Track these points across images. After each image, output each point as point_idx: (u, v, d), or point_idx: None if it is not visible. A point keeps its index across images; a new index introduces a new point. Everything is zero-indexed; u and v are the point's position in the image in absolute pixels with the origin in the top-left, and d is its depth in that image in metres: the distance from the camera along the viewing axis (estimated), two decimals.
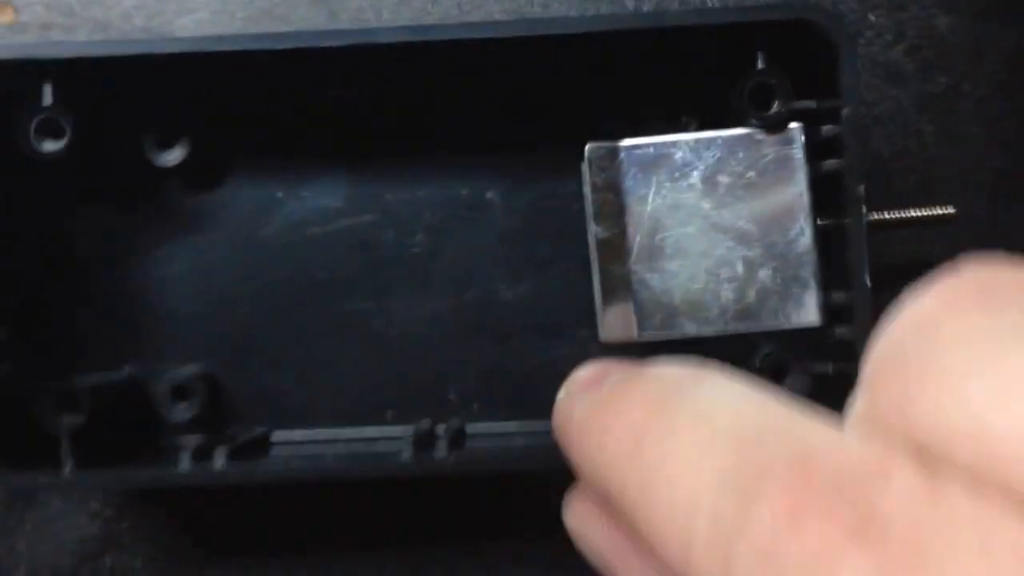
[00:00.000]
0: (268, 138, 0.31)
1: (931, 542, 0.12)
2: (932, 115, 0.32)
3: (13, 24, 0.33)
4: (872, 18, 0.32)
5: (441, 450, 0.28)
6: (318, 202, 0.31)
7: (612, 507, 0.16)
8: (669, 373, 0.17)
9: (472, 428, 0.31)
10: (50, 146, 0.28)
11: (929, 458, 0.13)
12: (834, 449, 0.13)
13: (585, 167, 0.28)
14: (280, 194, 0.31)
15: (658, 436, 0.16)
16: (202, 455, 0.28)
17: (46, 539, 0.32)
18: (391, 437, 0.30)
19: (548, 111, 0.31)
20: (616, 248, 0.28)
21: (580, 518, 0.20)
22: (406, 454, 0.28)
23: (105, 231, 0.31)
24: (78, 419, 0.28)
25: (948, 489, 0.12)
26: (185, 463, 0.28)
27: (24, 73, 0.27)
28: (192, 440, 0.29)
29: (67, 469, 0.27)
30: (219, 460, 0.28)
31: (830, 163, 0.27)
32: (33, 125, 0.28)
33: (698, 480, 0.14)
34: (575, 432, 0.19)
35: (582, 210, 0.29)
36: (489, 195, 0.31)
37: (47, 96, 0.27)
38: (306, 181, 0.31)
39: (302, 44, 0.27)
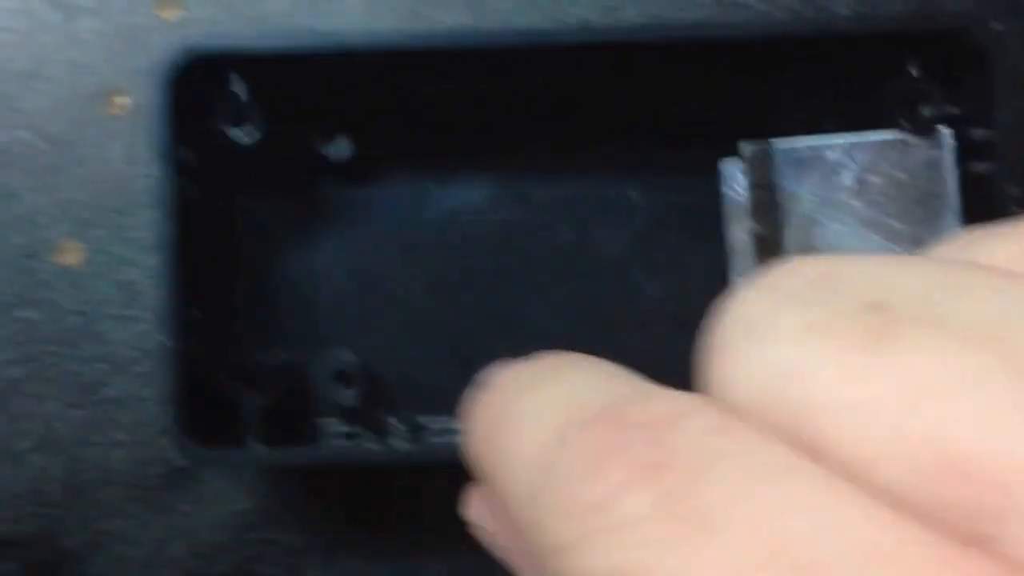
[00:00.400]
0: (422, 134, 0.32)
1: (709, 466, 0.12)
2: None
3: (180, 18, 0.33)
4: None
5: None
6: (467, 197, 0.32)
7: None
8: (537, 363, 0.17)
9: None
10: (238, 135, 0.29)
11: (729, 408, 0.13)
12: (649, 400, 0.14)
13: (730, 163, 0.29)
14: (432, 187, 0.32)
15: (510, 411, 0.16)
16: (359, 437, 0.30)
17: (205, 516, 0.33)
18: None
19: (692, 112, 0.32)
20: (770, 243, 0.29)
21: (475, 510, 0.19)
22: None
23: (271, 220, 0.32)
24: (262, 398, 0.28)
25: (735, 424, 0.12)
26: (341, 444, 0.29)
27: (222, 65, 0.28)
28: (349, 417, 0.30)
29: (251, 445, 0.29)
30: (397, 442, 0.29)
31: (980, 166, 0.28)
32: (225, 115, 0.29)
33: (528, 442, 0.14)
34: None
35: (719, 210, 0.30)
36: (631, 193, 0.32)
37: (239, 88, 0.28)
38: (456, 176, 0.32)
39: (469, 42, 0.29)
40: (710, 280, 0.31)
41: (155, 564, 0.33)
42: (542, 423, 0.14)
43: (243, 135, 0.29)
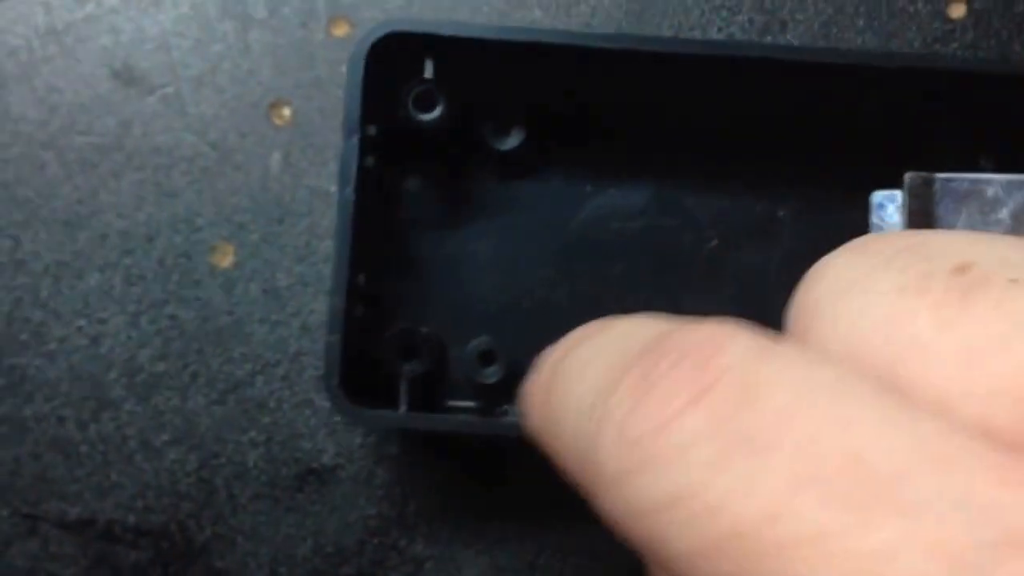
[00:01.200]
0: (587, 134, 0.33)
1: (759, 385, 0.12)
2: None
3: (348, 34, 0.35)
4: None
5: None
6: (623, 200, 0.33)
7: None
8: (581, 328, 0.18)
9: None
10: (424, 116, 0.30)
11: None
12: (690, 329, 0.14)
13: (885, 193, 0.30)
14: (589, 188, 0.33)
15: (561, 369, 0.17)
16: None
17: (333, 517, 0.34)
18: None
19: (850, 140, 0.33)
20: None
21: None
22: None
23: (433, 201, 0.33)
24: (419, 366, 0.30)
25: (781, 347, 0.13)
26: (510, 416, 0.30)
27: (413, 47, 0.30)
28: (483, 399, 0.32)
29: (403, 409, 0.30)
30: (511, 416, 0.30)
31: None
32: (413, 95, 0.30)
33: (582, 389, 0.15)
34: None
35: None
36: (781, 213, 0.33)
37: (428, 70, 0.30)
38: (614, 179, 0.33)
39: (645, 47, 0.30)
40: None
41: (282, 562, 0.34)
42: (594, 368, 0.15)
43: (427, 116, 0.30)
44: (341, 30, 0.35)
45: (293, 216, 0.35)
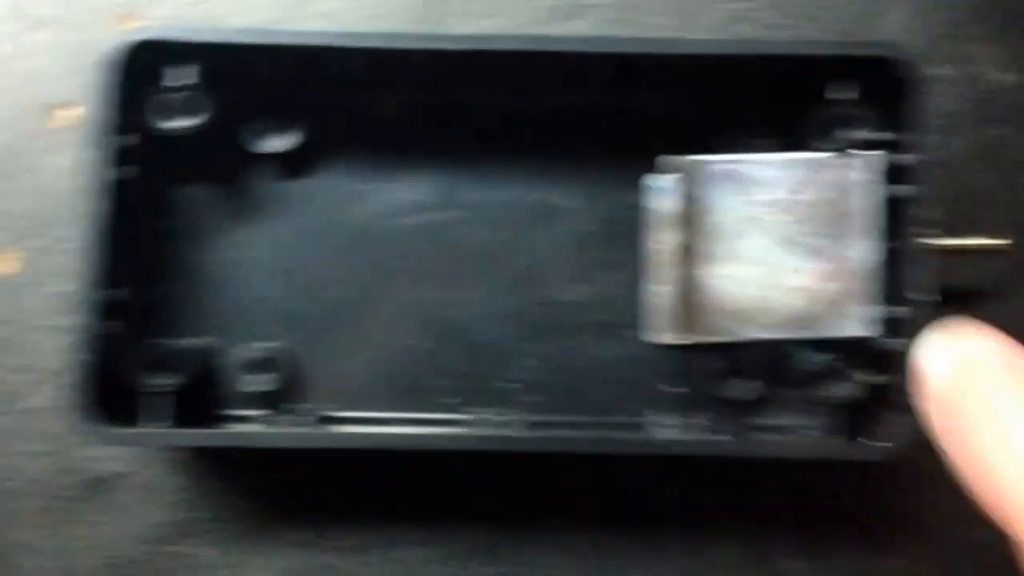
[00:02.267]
0: (364, 132, 0.33)
1: None
2: (992, 163, 0.34)
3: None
4: (942, 71, 0.34)
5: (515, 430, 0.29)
6: (402, 195, 0.33)
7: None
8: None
9: (532, 419, 0.32)
10: (178, 124, 0.29)
11: None
12: None
13: (655, 176, 0.30)
14: (367, 186, 0.33)
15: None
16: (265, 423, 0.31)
17: (122, 527, 0.33)
18: (457, 421, 0.32)
19: (624, 126, 0.33)
20: (684, 253, 0.29)
21: None
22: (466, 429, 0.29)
23: (202, 208, 0.32)
24: (178, 379, 0.29)
25: None
26: (247, 427, 0.29)
27: (169, 53, 0.29)
28: (255, 409, 0.31)
29: (156, 424, 0.29)
30: (279, 426, 0.30)
31: (899, 189, 0.29)
32: (165, 103, 0.29)
33: None
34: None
35: (642, 223, 0.31)
36: (563, 201, 0.33)
37: (183, 77, 0.29)
38: (393, 175, 0.33)
39: (411, 45, 0.30)
40: (627, 288, 0.32)
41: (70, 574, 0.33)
42: None
43: (182, 124, 0.29)
44: (131, 25, 0.35)
45: (80, 220, 0.34)
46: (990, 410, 0.21)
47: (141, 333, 0.30)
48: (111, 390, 0.28)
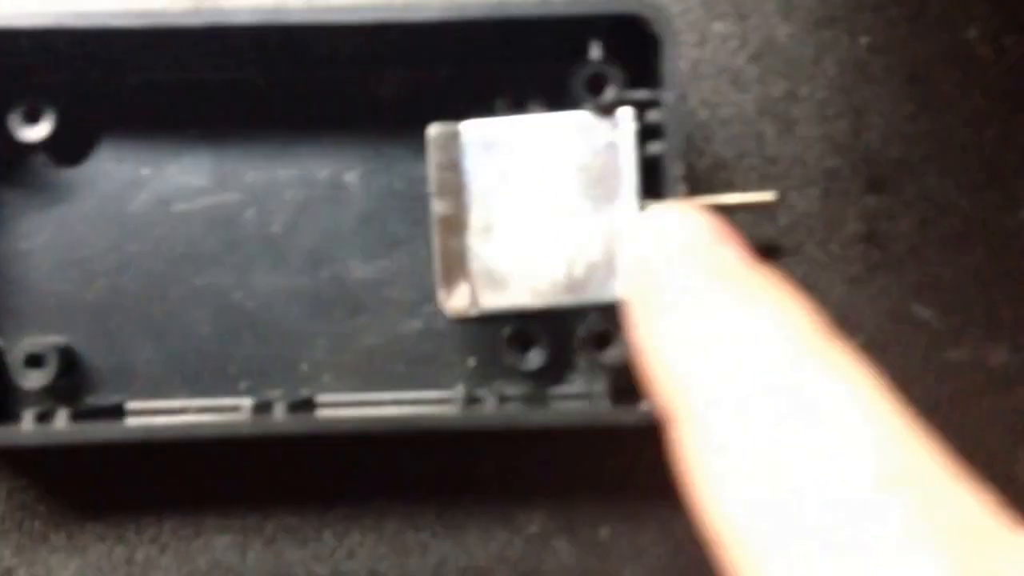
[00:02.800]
0: (134, 115, 0.32)
1: None
2: (772, 117, 0.34)
3: None
4: (717, 26, 0.34)
5: (279, 413, 0.29)
6: (182, 179, 0.32)
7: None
8: None
9: (323, 398, 0.32)
10: None
11: None
12: None
13: (428, 147, 0.29)
14: (145, 171, 0.32)
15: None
16: (49, 418, 0.30)
17: None
18: (238, 406, 0.31)
19: (402, 97, 0.32)
20: (456, 224, 0.29)
21: None
22: (244, 415, 0.29)
23: None
24: None
25: None
26: (28, 423, 0.29)
27: None
28: (41, 404, 0.30)
29: None
30: (61, 421, 0.29)
31: (655, 147, 0.29)
32: None
33: None
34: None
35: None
36: (347, 177, 0.33)
37: None
38: (171, 159, 0.32)
39: (166, 23, 0.29)
40: (420, 260, 0.31)
41: None
42: None
43: None
44: None
45: None
46: (680, 284, 0.21)
47: None
48: None
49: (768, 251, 0.32)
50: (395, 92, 0.32)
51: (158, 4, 0.33)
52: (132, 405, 0.32)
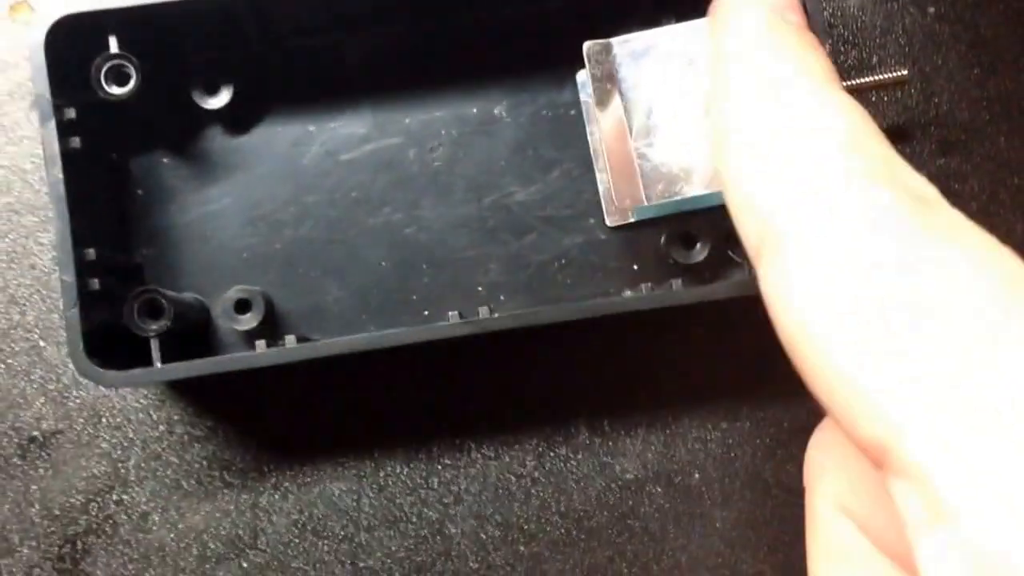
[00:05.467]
0: (298, 79, 0.35)
1: None
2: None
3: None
4: None
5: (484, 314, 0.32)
6: (346, 131, 0.35)
7: None
8: None
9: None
10: (116, 90, 0.31)
11: None
12: None
13: (584, 67, 0.32)
14: (312, 127, 0.35)
15: None
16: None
17: (57, 480, 0.35)
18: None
19: (542, 31, 0.35)
20: (618, 131, 0.31)
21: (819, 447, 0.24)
22: (453, 318, 0.31)
23: (162, 173, 0.35)
24: (164, 323, 0.31)
25: None
26: (262, 347, 0.31)
27: (92, 25, 0.31)
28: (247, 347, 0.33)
29: (157, 363, 0.31)
30: (288, 342, 0.31)
31: None
32: (103, 71, 0.31)
33: None
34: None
35: (579, 116, 0.33)
36: (497, 110, 0.35)
37: (113, 45, 0.31)
38: (334, 114, 0.35)
39: None
40: (573, 179, 0.34)
41: (11, 529, 0.35)
42: None
43: (121, 90, 0.31)
44: (23, 14, 0.36)
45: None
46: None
47: (125, 289, 0.32)
48: (105, 340, 0.31)
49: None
50: (531, 25, 0.35)
51: None
52: (323, 340, 0.34)
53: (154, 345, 0.31)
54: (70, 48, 0.31)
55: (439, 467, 0.35)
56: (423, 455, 0.35)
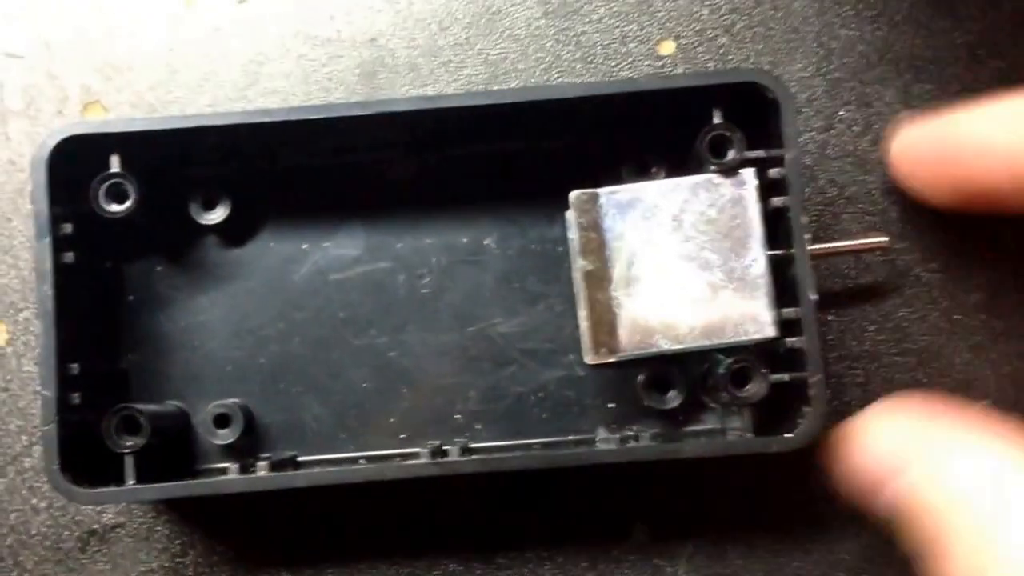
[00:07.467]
0: (294, 198, 0.36)
1: None
2: (896, 197, 0.36)
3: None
4: (842, 113, 0.37)
5: (455, 455, 0.32)
6: (338, 252, 0.36)
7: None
8: None
9: (475, 446, 0.35)
10: (115, 207, 0.32)
11: None
12: None
13: (571, 210, 0.33)
14: (305, 246, 0.36)
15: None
16: (244, 471, 0.33)
17: (116, 574, 0.36)
18: (408, 453, 0.34)
19: (537, 168, 0.36)
20: (599, 278, 0.32)
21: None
22: (425, 459, 0.32)
23: (154, 281, 0.36)
24: (140, 440, 0.32)
25: None
26: (234, 474, 0.32)
27: (94, 145, 0.32)
28: (223, 461, 0.34)
29: (131, 481, 0.32)
30: (261, 471, 0.32)
31: (777, 200, 0.32)
32: (102, 190, 0.32)
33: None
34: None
35: (566, 252, 0.34)
36: (487, 242, 0.36)
37: (114, 164, 0.32)
38: (328, 234, 0.36)
39: (326, 115, 0.32)
40: (557, 316, 0.34)
41: None
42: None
43: (118, 206, 0.32)
44: (96, 114, 0.38)
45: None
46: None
47: (107, 400, 0.33)
48: (83, 454, 0.31)
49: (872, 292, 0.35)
50: (529, 162, 0.36)
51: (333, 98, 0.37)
52: (304, 459, 0.35)
53: (128, 463, 0.32)
54: (72, 165, 0.32)
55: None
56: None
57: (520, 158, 0.36)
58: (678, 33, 0.38)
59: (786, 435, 0.31)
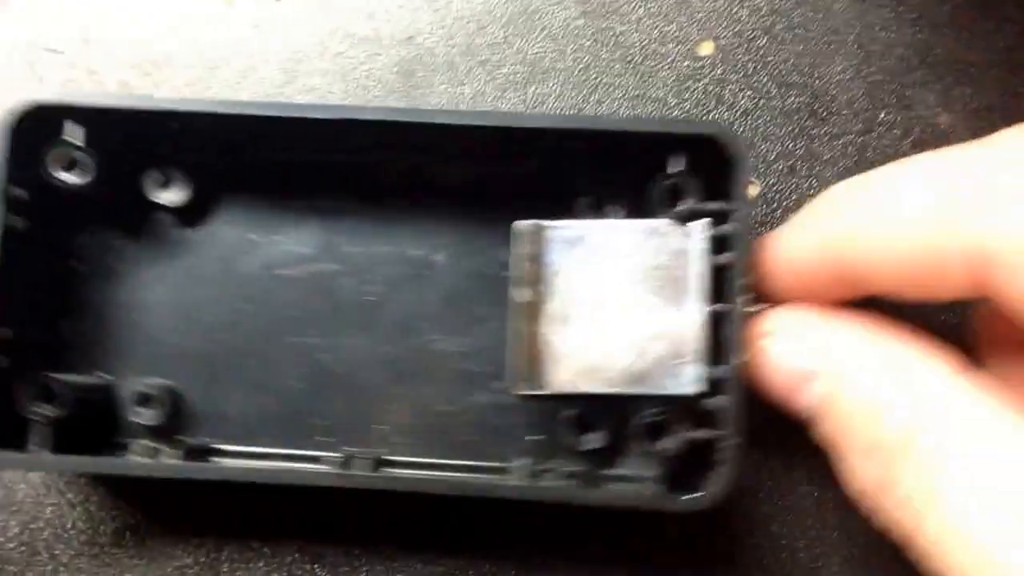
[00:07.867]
0: (252, 187, 0.36)
1: None
2: None
3: None
4: (882, 115, 0.37)
5: (359, 468, 0.32)
6: (289, 247, 0.36)
7: None
8: None
9: (391, 459, 0.35)
10: (72, 179, 0.33)
11: None
12: None
13: (516, 239, 0.32)
14: (256, 237, 0.36)
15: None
16: (154, 454, 0.33)
17: (151, 569, 0.36)
18: (319, 457, 0.34)
19: (497, 192, 0.35)
20: (533, 311, 0.32)
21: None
22: (328, 468, 0.31)
23: (104, 253, 0.36)
24: (53, 410, 0.32)
25: None
26: (137, 456, 0.32)
27: (61, 115, 0.32)
28: (144, 439, 0.34)
29: (37, 450, 0.32)
30: (166, 458, 0.32)
31: (723, 257, 0.31)
32: (60, 160, 0.33)
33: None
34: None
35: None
36: (438, 257, 0.36)
37: (74, 136, 0.33)
38: (281, 228, 0.36)
39: (290, 114, 0.32)
40: (496, 339, 0.34)
41: None
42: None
43: (76, 178, 0.32)
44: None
45: None
46: None
47: (32, 367, 0.33)
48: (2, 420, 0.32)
49: None
50: (487, 184, 0.35)
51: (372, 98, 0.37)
52: (222, 448, 0.35)
53: (35, 430, 0.32)
54: (37, 135, 0.32)
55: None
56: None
57: (478, 178, 0.36)
58: (717, 34, 0.38)
59: (696, 494, 0.30)
